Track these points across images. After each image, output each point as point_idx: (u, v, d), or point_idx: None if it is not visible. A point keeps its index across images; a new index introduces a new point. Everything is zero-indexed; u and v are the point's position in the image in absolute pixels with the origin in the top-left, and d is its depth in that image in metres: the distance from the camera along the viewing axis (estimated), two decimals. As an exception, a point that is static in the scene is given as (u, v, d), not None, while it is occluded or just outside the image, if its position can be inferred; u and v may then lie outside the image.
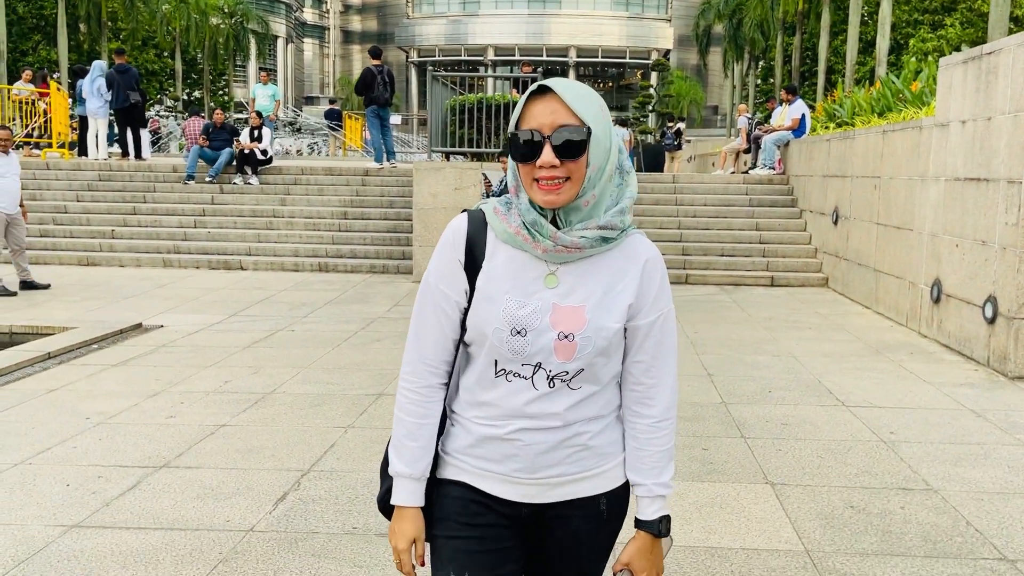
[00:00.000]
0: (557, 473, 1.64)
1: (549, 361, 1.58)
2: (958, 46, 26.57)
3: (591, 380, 1.62)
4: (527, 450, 1.61)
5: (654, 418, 1.68)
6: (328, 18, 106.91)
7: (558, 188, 1.52)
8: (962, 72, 7.22)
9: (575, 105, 1.52)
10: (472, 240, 1.63)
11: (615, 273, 1.61)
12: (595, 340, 1.57)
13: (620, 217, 1.59)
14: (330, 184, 13.89)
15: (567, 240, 1.55)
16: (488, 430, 1.64)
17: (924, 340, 7.65)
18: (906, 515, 3.79)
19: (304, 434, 4.83)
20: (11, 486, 4.00)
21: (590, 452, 1.65)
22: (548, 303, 1.57)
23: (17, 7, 38.57)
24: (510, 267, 1.60)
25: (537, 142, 1.52)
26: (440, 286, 1.65)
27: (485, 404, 1.64)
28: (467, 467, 1.67)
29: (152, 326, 7.78)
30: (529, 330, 1.56)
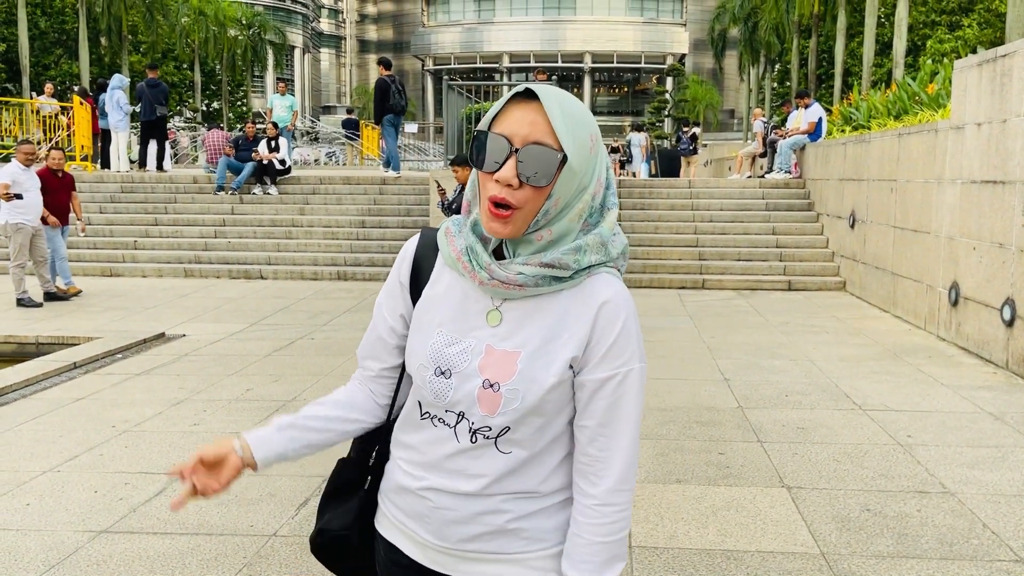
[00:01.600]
0: (469, 548, 1.39)
1: (472, 412, 1.33)
2: (975, 47, 26.40)
3: (521, 444, 1.35)
4: (436, 514, 1.39)
5: (595, 499, 1.34)
6: (344, 28, 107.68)
7: (507, 216, 1.28)
8: (977, 75, 7.21)
9: (559, 124, 1.26)
10: (419, 262, 1.44)
11: (562, 317, 1.33)
12: (524, 395, 1.31)
13: (574, 256, 1.31)
14: (348, 193, 14.03)
15: (501, 275, 1.31)
16: (405, 479, 1.43)
17: (942, 343, 7.63)
18: (922, 518, 3.80)
19: (325, 441, 4.89)
20: (41, 493, 4.10)
21: (513, 535, 1.37)
22: (482, 344, 1.34)
23: (39, 22, 39.15)
24: (450, 296, 1.38)
25: (503, 151, 1.26)
26: (382, 308, 1.48)
27: (408, 447, 1.43)
28: (388, 514, 1.48)
29: (175, 335, 7.90)
30: (454, 372, 1.34)
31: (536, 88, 1.28)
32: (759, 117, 17.21)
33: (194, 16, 46.48)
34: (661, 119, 49.71)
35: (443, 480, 1.37)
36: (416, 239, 1.48)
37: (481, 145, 1.29)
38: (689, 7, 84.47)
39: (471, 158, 1.32)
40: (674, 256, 11.81)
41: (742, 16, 44.03)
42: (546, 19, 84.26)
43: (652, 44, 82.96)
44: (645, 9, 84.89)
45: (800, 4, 34.67)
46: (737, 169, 16.82)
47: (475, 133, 1.31)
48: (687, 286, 11.23)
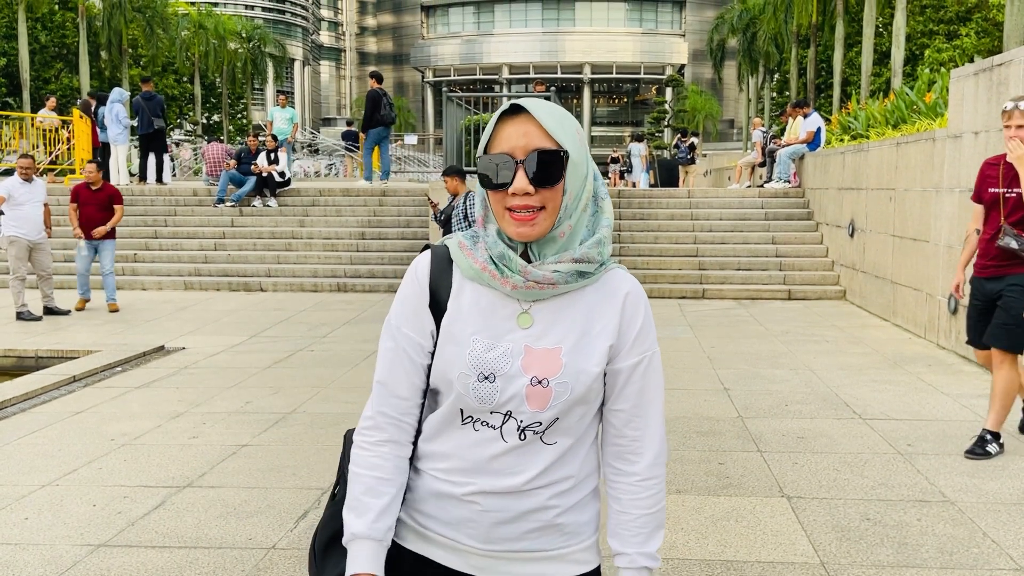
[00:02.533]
0: (515, 548, 1.43)
1: (520, 410, 1.39)
2: (973, 56, 26.49)
3: (567, 432, 1.43)
4: (483, 517, 1.42)
5: (638, 476, 1.46)
6: (344, 40, 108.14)
7: (532, 219, 1.36)
8: (973, 84, 7.24)
9: (551, 127, 1.36)
10: (436, 278, 1.46)
11: (593, 311, 1.43)
12: (572, 386, 1.39)
13: (597, 249, 1.42)
14: (348, 205, 14.05)
15: (538, 275, 1.38)
16: (444, 486, 1.44)
17: (942, 352, 7.62)
18: (923, 527, 3.80)
19: (324, 453, 4.89)
20: (39, 507, 4.10)
21: (556, 531, 1.44)
22: (520, 345, 1.40)
23: (39, 36, 39.32)
24: (477, 306, 1.43)
25: (509, 167, 1.35)
26: (403, 329, 1.47)
27: (446, 455, 1.44)
28: (415, 526, 1.48)
29: (174, 348, 7.90)
30: (498, 375, 1.39)
31: (520, 102, 1.39)
32: (758, 127, 17.25)
33: (194, 29, 46.72)
34: (660, 129, 49.83)
35: (490, 481, 1.41)
36: (427, 258, 1.50)
37: (487, 168, 1.38)
38: (688, 18, 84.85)
39: (482, 185, 1.41)
40: (674, 266, 11.82)
41: (740, 26, 44.24)
42: (545, 30, 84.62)
43: (651, 55, 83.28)
44: (644, 20, 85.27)
45: (798, 14, 34.83)
46: (736, 179, 16.85)
47: (477, 160, 1.41)
48: (687, 296, 11.23)
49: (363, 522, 1.43)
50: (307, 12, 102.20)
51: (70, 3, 39.43)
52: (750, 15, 42.74)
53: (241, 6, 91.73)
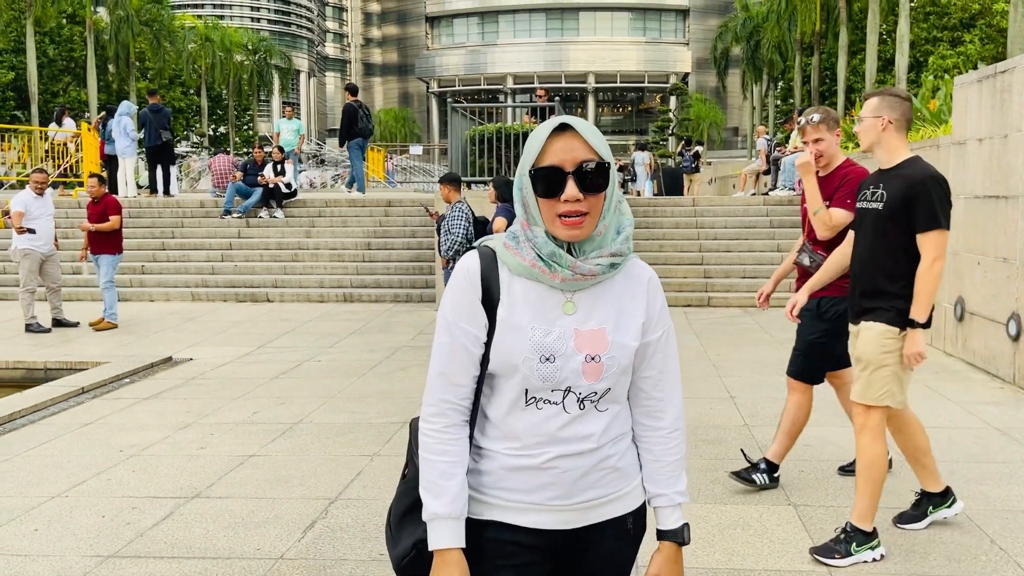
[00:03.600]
0: (591, 497, 1.68)
1: (578, 384, 1.63)
2: (977, 63, 26.48)
3: (614, 399, 1.69)
4: (563, 477, 1.65)
5: (666, 429, 1.76)
6: (349, 52, 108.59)
7: (581, 223, 1.59)
8: (977, 91, 7.25)
9: (594, 142, 1.59)
10: (487, 276, 1.66)
11: (624, 295, 1.69)
12: (619, 359, 1.65)
13: (626, 244, 1.67)
14: (354, 216, 14.10)
15: (585, 268, 1.62)
16: (521, 460, 1.65)
17: (949, 359, 7.61)
18: (930, 534, 3.79)
19: (331, 463, 4.91)
20: (49, 518, 4.12)
21: (618, 474, 1.71)
22: (570, 328, 1.63)
23: (48, 50, 39.61)
24: (529, 298, 1.64)
25: (560, 178, 1.58)
26: (460, 323, 1.66)
27: (516, 435, 1.65)
28: (499, 502, 1.67)
29: (182, 359, 7.94)
30: (557, 356, 1.61)
31: (566, 120, 1.61)
32: (763, 135, 17.27)
33: (201, 42, 47.01)
34: (665, 138, 49.89)
35: (563, 447, 1.64)
36: (475, 258, 1.69)
37: (539, 180, 1.60)
38: (692, 27, 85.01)
39: (536, 193, 1.61)
40: (679, 274, 11.83)
41: (744, 35, 44.31)
42: (549, 40, 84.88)
43: (655, 63, 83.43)
44: (648, 29, 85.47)
45: (802, 22, 34.89)
46: (741, 187, 16.86)
47: (531, 172, 1.61)
48: (692, 304, 11.23)
49: (441, 503, 1.63)
50: (312, 24, 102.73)
51: (78, 17, 39.74)
52: (754, 23, 42.82)
53: (247, 19, 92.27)
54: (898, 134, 3.49)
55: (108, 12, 39.88)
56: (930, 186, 3.32)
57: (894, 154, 3.49)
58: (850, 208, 3.94)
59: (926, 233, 3.32)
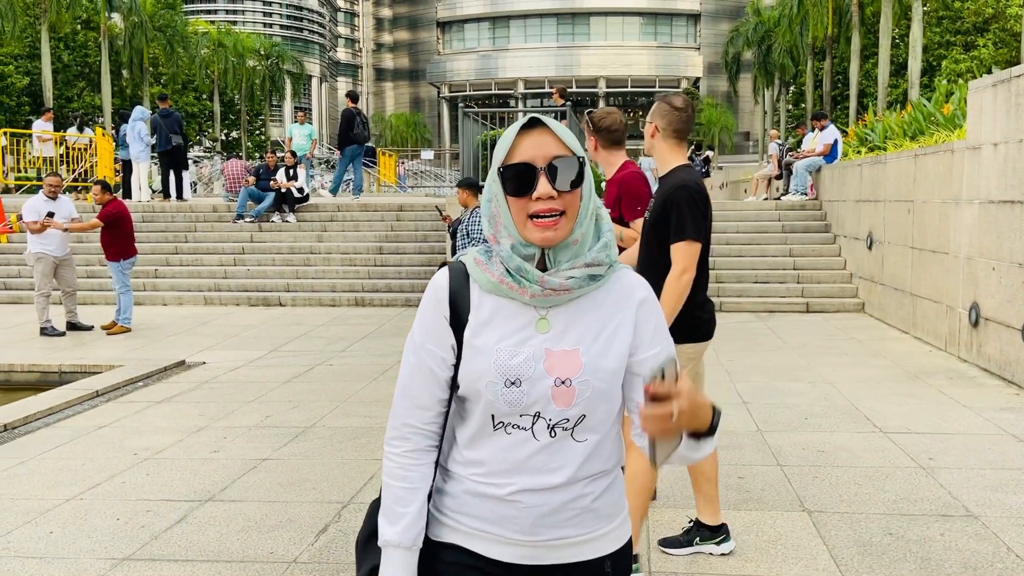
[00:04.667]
0: (558, 536, 1.52)
1: (548, 409, 1.48)
2: (991, 67, 26.35)
3: (593, 429, 1.52)
4: (527, 512, 1.50)
5: None
6: (361, 57, 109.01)
7: (555, 224, 1.46)
8: (992, 95, 7.21)
9: (566, 137, 1.48)
10: (455, 294, 1.54)
11: (608, 312, 1.53)
12: (593, 383, 1.48)
13: (605, 252, 1.52)
14: (365, 220, 14.14)
15: (555, 283, 1.47)
16: (486, 488, 1.52)
17: (964, 364, 7.56)
18: (946, 542, 3.76)
19: (344, 467, 4.92)
20: (64, 521, 4.14)
21: (592, 515, 1.54)
22: (541, 349, 1.48)
23: (62, 55, 39.92)
24: (498, 317, 1.51)
25: (531, 174, 1.45)
26: (427, 345, 1.55)
27: (483, 461, 1.52)
28: (461, 527, 1.55)
29: (195, 363, 7.97)
30: (524, 379, 1.47)
31: (535, 116, 1.50)
32: (774, 139, 17.22)
33: (213, 48, 47.29)
34: (676, 142, 49.77)
35: (529, 479, 1.50)
36: (445, 275, 1.58)
37: (508, 178, 1.48)
38: (703, 31, 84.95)
39: (506, 193, 1.49)
40: (691, 279, 11.79)
41: (756, 39, 44.23)
42: (560, 45, 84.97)
43: (666, 68, 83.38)
44: (659, 34, 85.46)
45: (814, 26, 34.80)
46: (753, 191, 16.81)
47: (499, 170, 1.49)
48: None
49: (394, 530, 1.54)
50: (324, 29, 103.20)
51: (92, 23, 40.05)
52: (765, 28, 42.75)
53: (260, 24, 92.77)
54: (665, 142, 3.45)
55: (122, 18, 40.18)
56: (680, 196, 3.26)
57: (664, 162, 3.48)
58: (640, 214, 3.92)
59: (675, 244, 3.27)
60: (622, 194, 4.01)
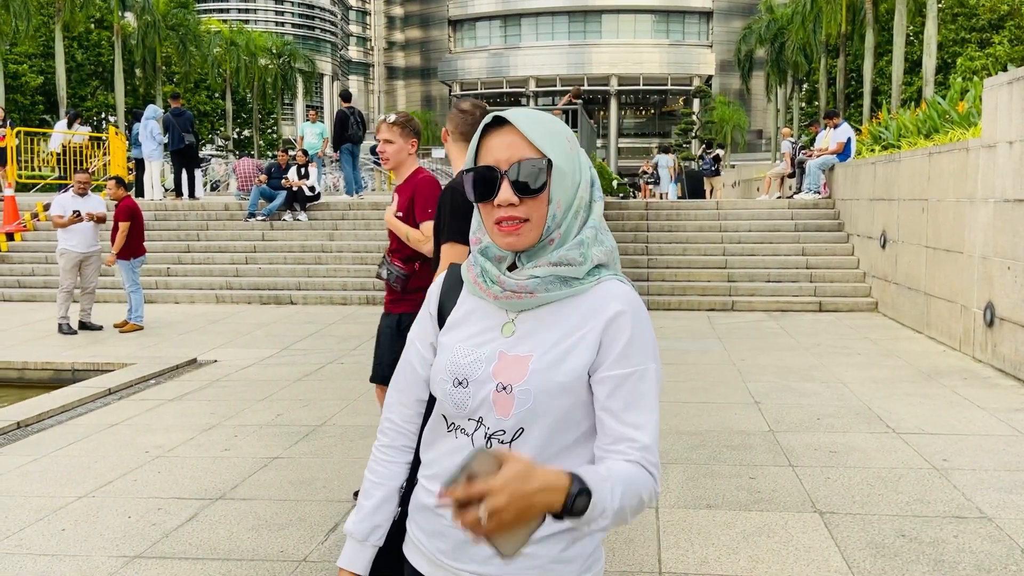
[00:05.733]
0: (481, 572, 1.39)
1: (488, 416, 1.38)
2: (1006, 64, 26.12)
3: (536, 448, 1.36)
4: (450, 532, 1.40)
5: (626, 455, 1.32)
6: (372, 55, 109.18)
7: (517, 229, 1.35)
8: (1008, 93, 7.14)
9: (534, 136, 1.35)
10: (446, 293, 1.52)
11: (575, 322, 1.39)
12: (535, 394, 1.35)
13: (579, 251, 1.38)
14: (376, 218, 14.15)
15: (512, 284, 1.38)
16: (425, 496, 1.46)
17: (978, 365, 7.50)
18: (959, 544, 3.73)
19: (354, 465, 4.92)
20: (76, 518, 4.16)
21: (523, 560, 1.36)
22: (496, 351, 1.40)
23: (76, 55, 40.16)
24: (471, 317, 1.46)
25: (493, 178, 1.35)
26: (415, 341, 1.54)
27: (431, 463, 1.47)
28: (413, 538, 1.50)
29: (206, 361, 8.00)
30: (471, 380, 1.39)
31: (503, 113, 1.38)
32: (787, 137, 17.14)
33: (226, 46, 47.45)
34: (688, 140, 49.66)
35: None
36: (442, 275, 1.56)
37: (474, 181, 1.37)
38: (715, 29, 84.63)
39: (470, 198, 1.40)
40: (703, 278, 11.76)
41: (768, 37, 44.02)
42: (572, 43, 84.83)
43: (678, 66, 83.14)
44: (671, 31, 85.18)
45: (827, 23, 34.60)
46: (766, 190, 16.75)
47: (464, 172, 1.39)
48: (716, 308, 11.16)
49: (352, 520, 1.55)
50: (336, 28, 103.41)
51: (106, 22, 40.27)
52: (778, 25, 42.54)
53: (272, 23, 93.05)
54: (456, 144, 3.48)
55: (135, 17, 40.38)
56: (445, 197, 3.21)
57: (456, 164, 3.49)
58: (430, 216, 3.83)
59: (443, 244, 3.22)
60: (415, 196, 3.94)
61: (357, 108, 15.58)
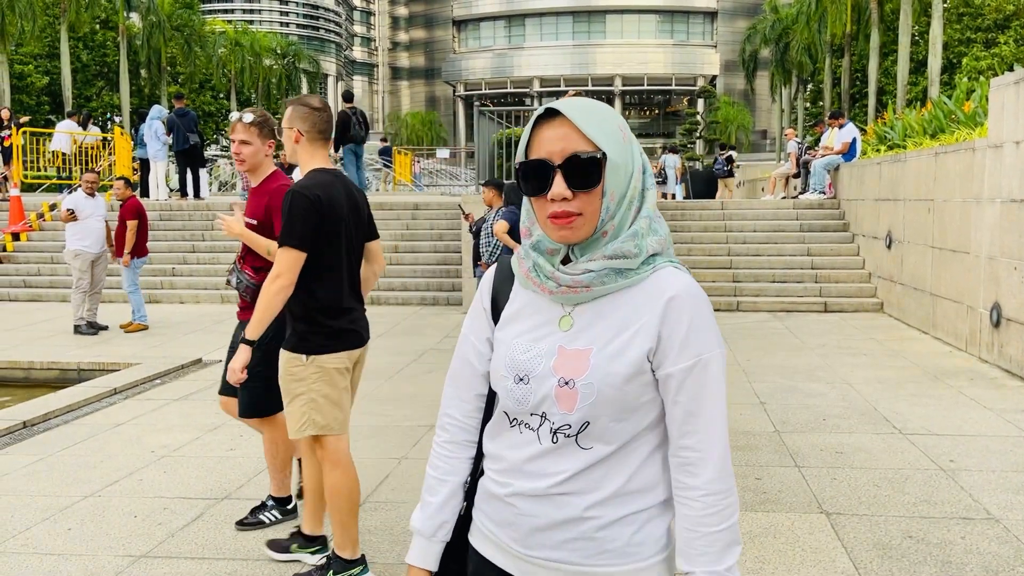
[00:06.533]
0: (551, 557, 1.40)
1: (552, 412, 1.38)
2: (1012, 64, 26.05)
3: (603, 439, 1.38)
4: (522, 520, 1.42)
5: (700, 490, 1.37)
6: (377, 55, 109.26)
7: (571, 223, 1.35)
8: (1014, 92, 7.12)
9: (588, 128, 1.34)
10: (498, 288, 1.52)
11: (632, 312, 1.38)
12: (599, 388, 1.35)
13: (633, 242, 1.37)
14: (381, 219, 14.13)
15: (567, 279, 1.37)
16: (494, 487, 1.47)
17: (984, 365, 7.48)
18: (967, 545, 3.72)
19: (359, 465, 4.91)
20: (82, 518, 4.17)
21: (594, 544, 1.38)
22: (555, 346, 1.39)
23: (81, 55, 40.23)
24: (525, 311, 1.46)
25: (547, 172, 1.34)
26: (469, 336, 1.55)
27: (498, 457, 1.47)
28: (480, 526, 1.51)
29: (211, 361, 8.00)
30: (531, 376, 1.40)
31: (555, 105, 1.36)
32: (792, 137, 17.11)
33: (230, 47, 47.51)
34: (692, 141, 49.61)
35: (524, 483, 1.41)
36: (493, 269, 1.56)
37: (525, 175, 1.37)
38: (720, 29, 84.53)
39: (523, 192, 1.39)
40: (708, 278, 11.74)
41: (773, 37, 43.93)
42: (576, 43, 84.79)
43: (683, 66, 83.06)
44: (675, 31, 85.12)
45: (832, 23, 34.53)
46: (771, 190, 16.72)
47: (516, 167, 1.39)
48: (721, 308, 11.14)
49: (419, 517, 1.56)
50: (340, 28, 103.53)
51: (111, 23, 40.34)
52: (783, 25, 42.46)
53: (276, 23, 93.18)
54: (311, 145, 3.30)
55: (140, 18, 40.45)
56: (287, 199, 3.12)
57: (305, 166, 3.32)
58: None
59: (279, 248, 3.11)
60: (272, 205, 3.69)
61: (360, 108, 15.52)
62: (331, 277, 3.23)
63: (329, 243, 3.18)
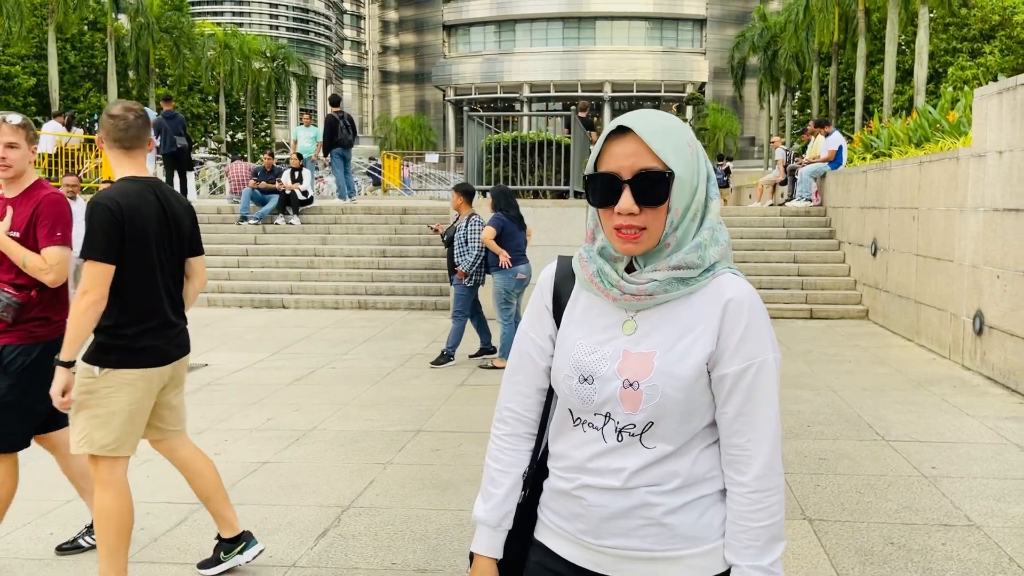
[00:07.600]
0: (623, 545, 1.47)
1: (617, 412, 1.45)
2: (997, 74, 26.30)
3: (665, 438, 1.45)
4: (591, 511, 1.48)
5: (747, 487, 1.45)
6: (367, 59, 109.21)
7: (636, 237, 1.41)
8: (997, 103, 7.19)
9: (657, 146, 1.39)
10: (559, 286, 1.57)
11: (693, 316, 1.45)
12: (663, 390, 1.42)
13: (697, 253, 1.44)
14: (369, 223, 14.14)
15: (632, 288, 1.44)
16: (560, 482, 1.53)
17: (968, 373, 7.54)
18: (948, 552, 3.75)
19: (344, 470, 4.91)
20: (64, 522, 4.14)
21: (664, 531, 1.45)
22: (619, 350, 1.46)
23: (69, 56, 40.04)
24: (589, 313, 1.52)
25: (615, 186, 1.41)
26: (529, 332, 1.60)
27: (563, 455, 1.54)
28: (546, 521, 1.58)
29: (197, 365, 7.97)
30: (596, 377, 1.46)
31: (627, 121, 1.42)
32: (779, 145, 17.20)
33: (220, 49, 47.36)
34: (681, 147, 49.72)
35: (592, 478, 1.48)
36: (553, 267, 1.61)
37: (595, 186, 1.44)
38: (709, 36, 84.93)
39: (591, 203, 1.46)
40: (694, 284, 11.77)
41: (762, 45, 44.19)
42: (566, 49, 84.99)
43: (672, 73, 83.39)
44: (665, 38, 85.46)
45: (820, 32, 34.76)
46: (758, 197, 16.80)
47: (587, 177, 1.46)
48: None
49: (484, 508, 1.61)
50: (330, 32, 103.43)
51: (99, 24, 40.18)
52: (771, 33, 42.72)
53: (266, 26, 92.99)
54: (111, 152, 3.18)
55: (129, 19, 40.29)
56: (89, 210, 3.02)
57: (116, 177, 3.19)
58: (61, 240, 3.41)
59: (85, 262, 2.97)
60: (38, 216, 3.39)
61: (347, 112, 15.51)
62: (140, 290, 3.10)
63: (134, 254, 3.05)
